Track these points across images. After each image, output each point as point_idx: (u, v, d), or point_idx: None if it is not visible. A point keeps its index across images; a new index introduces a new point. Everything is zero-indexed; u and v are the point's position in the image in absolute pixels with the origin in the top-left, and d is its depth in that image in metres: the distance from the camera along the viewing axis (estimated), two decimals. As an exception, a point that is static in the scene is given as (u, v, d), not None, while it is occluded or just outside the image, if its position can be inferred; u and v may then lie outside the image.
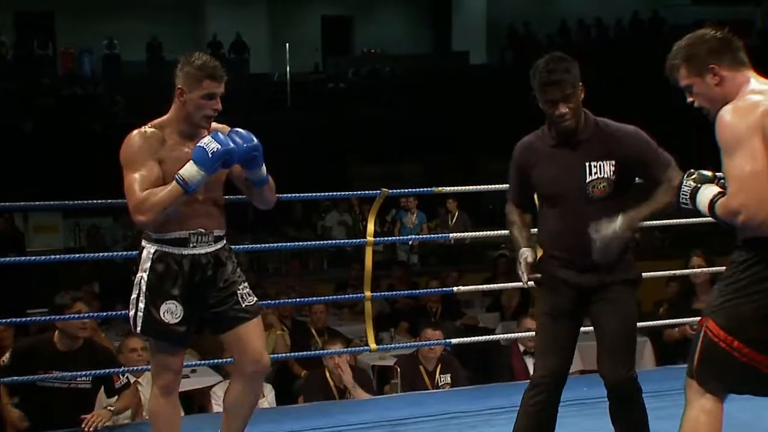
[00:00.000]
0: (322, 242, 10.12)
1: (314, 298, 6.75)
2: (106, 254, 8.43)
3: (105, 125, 16.02)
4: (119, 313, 6.84)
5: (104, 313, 7.02)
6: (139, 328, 3.35)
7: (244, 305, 3.42)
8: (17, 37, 20.52)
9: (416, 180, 14.92)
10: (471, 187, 5.31)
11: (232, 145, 3.27)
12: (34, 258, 5.38)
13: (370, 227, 4.53)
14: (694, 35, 2.89)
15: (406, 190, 5.58)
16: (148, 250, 3.35)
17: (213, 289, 3.39)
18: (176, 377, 3.44)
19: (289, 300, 7.15)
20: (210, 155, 3.22)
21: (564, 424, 3.49)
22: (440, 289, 7.43)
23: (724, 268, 2.93)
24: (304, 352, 6.30)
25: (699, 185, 2.81)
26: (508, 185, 3.64)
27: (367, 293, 4.57)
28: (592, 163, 3.34)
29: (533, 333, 3.65)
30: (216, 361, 5.57)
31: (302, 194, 5.20)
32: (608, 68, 17.13)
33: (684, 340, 5.75)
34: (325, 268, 12.41)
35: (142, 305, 3.31)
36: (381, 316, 8.39)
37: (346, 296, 8.22)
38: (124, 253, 8.06)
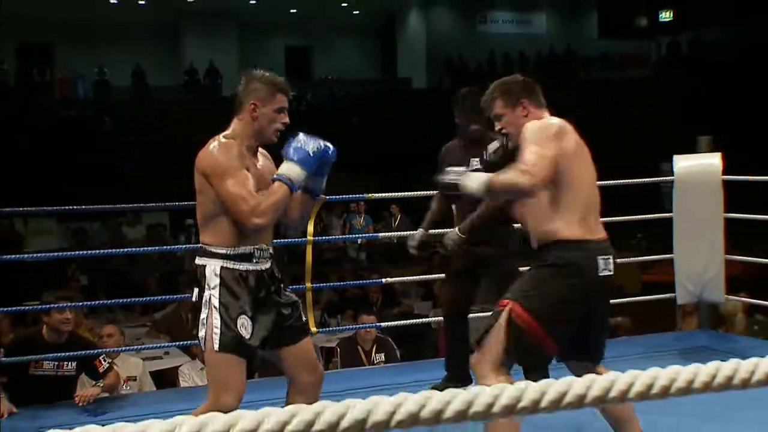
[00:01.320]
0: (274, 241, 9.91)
1: None
2: (91, 252, 8.35)
3: (93, 142, 15.92)
4: (103, 302, 6.94)
5: (90, 303, 7.02)
6: (217, 345, 2.81)
7: (303, 320, 3.09)
8: (18, 65, 20.31)
9: (370, 188, 14.93)
10: (398, 194, 5.45)
11: (324, 144, 2.95)
12: (28, 256, 5.35)
13: (310, 228, 4.55)
14: (510, 77, 3.10)
15: (343, 196, 5.48)
16: (213, 267, 2.88)
17: (274, 305, 2.99)
18: (237, 402, 2.84)
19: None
20: (311, 154, 2.89)
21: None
22: (373, 281, 7.51)
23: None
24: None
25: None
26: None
27: (308, 284, 4.60)
28: (473, 160, 3.88)
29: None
30: (185, 343, 5.63)
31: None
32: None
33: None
34: (285, 263, 12.44)
35: (217, 322, 2.81)
36: (331, 304, 8.47)
37: (291, 287, 7.96)
38: (111, 251, 8.03)
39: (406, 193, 5.40)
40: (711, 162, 5.24)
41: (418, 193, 5.14)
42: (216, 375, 2.88)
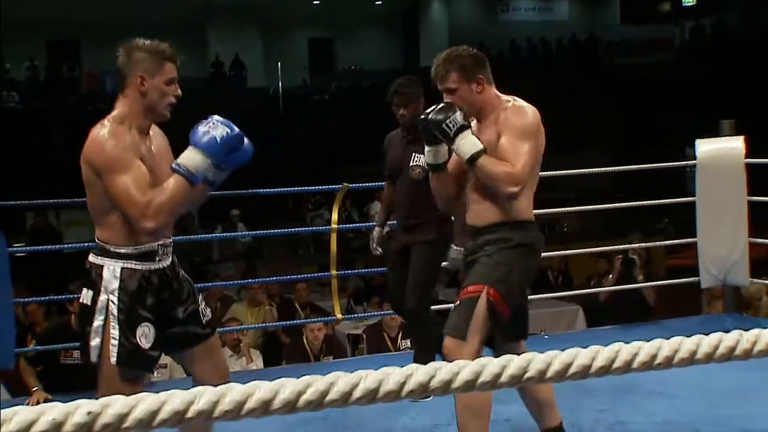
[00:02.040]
0: (295, 229, 9.68)
1: (292, 276, 6.64)
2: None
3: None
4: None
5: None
6: (113, 359, 2.49)
7: (206, 319, 2.71)
8: (48, 61, 20.52)
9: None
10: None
11: (238, 133, 2.52)
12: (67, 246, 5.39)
13: (334, 216, 4.57)
14: (461, 48, 2.94)
15: (367, 184, 5.28)
16: (111, 268, 2.51)
17: (179, 304, 2.64)
18: None
19: (274, 278, 7.10)
20: (219, 140, 2.47)
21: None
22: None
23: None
24: (284, 322, 6.34)
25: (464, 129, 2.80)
26: None
27: (333, 272, 4.62)
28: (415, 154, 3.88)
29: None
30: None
31: (285, 189, 5.20)
32: (551, 79, 17.27)
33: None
34: (311, 253, 12.51)
35: (115, 332, 2.47)
36: (358, 291, 8.49)
37: (316, 275, 7.89)
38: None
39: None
40: (734, 145, 5.19)
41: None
42: (108, 388, 2.47)
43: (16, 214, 12.12)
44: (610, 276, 5.64)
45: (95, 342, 2.51)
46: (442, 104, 2.84)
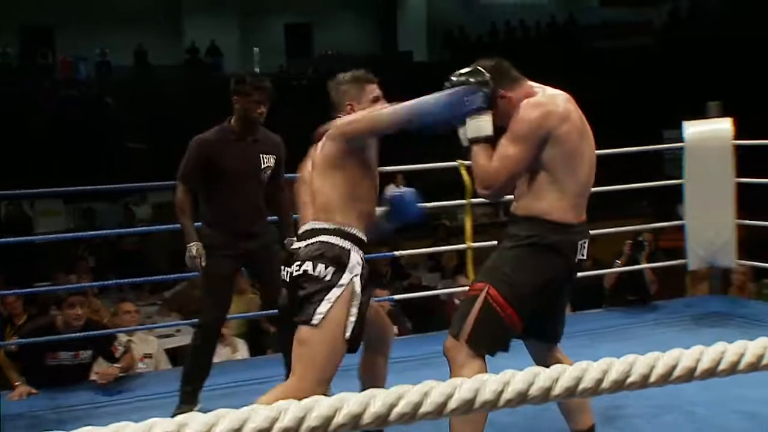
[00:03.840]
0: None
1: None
2: (101, 232, 8.34)
3: (96, 123, 15.87)
4: (117, 282, 6.87)
5: (106, 282, 6.97)
6: (348, 334, 2.69)
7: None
8: (21, 48, 20.22)
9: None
10: (411, 167, 5.37)
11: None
12: (37, 237, 5.32)
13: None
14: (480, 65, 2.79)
15: None
16: (356, 256, 2.75)
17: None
18: (323, 391, 2.69)
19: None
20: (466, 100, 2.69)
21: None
22: (386, 254, 7.41)
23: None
24: (269, 311, 6.24)
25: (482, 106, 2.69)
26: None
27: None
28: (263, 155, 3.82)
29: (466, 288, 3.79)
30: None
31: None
32: (531, 62, 17.21)
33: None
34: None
35: (355, 310, 2.69)
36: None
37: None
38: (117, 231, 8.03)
39: (415, 166, 5.31)
40: (722, 127, 5.18)
41: (426, 165, 5.11)
42: (321, 357, 2.68)
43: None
44: (618, 261, 5.53)
45: (324, 308, 2.67)
46: (472, 70, 2.73)
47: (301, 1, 23.37)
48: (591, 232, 2.84)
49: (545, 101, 2.69)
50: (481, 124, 2.67)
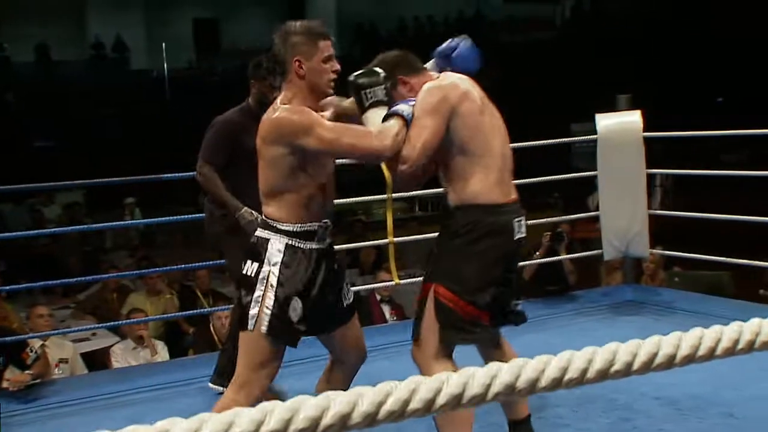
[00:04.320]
0: (200, 215, 9.82)
1: (196, 264, 6.22)
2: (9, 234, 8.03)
3: None
4: (28, 285, 6.60)
5: (17, 287, 6.70)
6: (263, 328, 2.60)
7: (349, 301, 2.85)
8: None
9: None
10: None
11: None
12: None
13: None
14: (383, 57, 2.87)
15: None
16: (276, 242, 2.63)
17: (334, 285, 2.76)
18: (263, 388, 2.70)
19: (175, 267, 6.95)
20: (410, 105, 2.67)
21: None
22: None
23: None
24: (192, 311, 6.15)
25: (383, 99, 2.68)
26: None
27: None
28: None
29: (389, 283, 3.78)
30: (114, 323, 5.47)
31: (185, 173, 5.02)
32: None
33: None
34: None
35: (270, 302, 2.59)
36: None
37: (223, 260, 7.63)
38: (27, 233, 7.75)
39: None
40: (631, 119, 5.31)
41: (343, 161, 5.02)
42: (253, 357, 2.64)
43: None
44: (537, 252, 5.62)
45: (254, 311, 2.61)
46: (369, 68, 2.73)
47: (209, -6, 23.06)
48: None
49: (445, 84, 2.74)
50: (381, 117, 2.65)
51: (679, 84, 16.23)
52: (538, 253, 5.61)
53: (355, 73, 2.69)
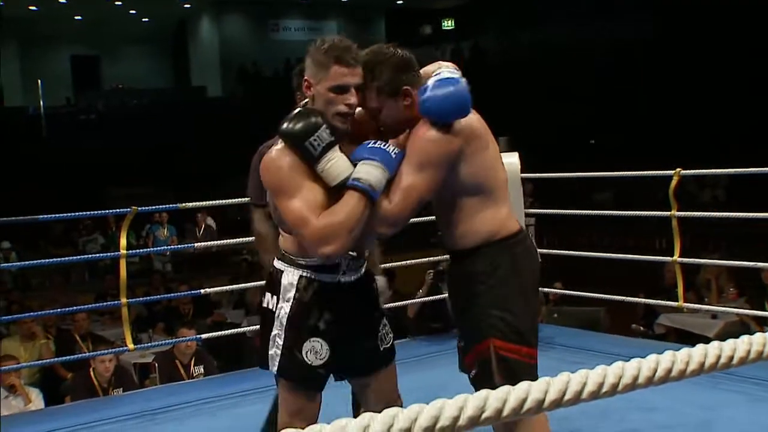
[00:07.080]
0: (81, 257, 9.64)
1: (75, 308, 6.06)
2: None
3: None
4: None
5: None
6: (274, 368, 2.33)
7: (387, 345, 2.48)
8: None
9: (166, 198, 14.41)
10: (214, 202, 5.06)
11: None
12: None
13: (123, 241, 4.30)
14: (381, 52, 2.32)
15: (156, 207, 5.18)
16: (290, 276, 2.31)
17: (361, 325, 2.42)
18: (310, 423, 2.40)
19: (52, 311, 6.62)
20: (393, 156, 2.18)
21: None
22: (190, 292, 7.19)
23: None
24: (71, 356, 5.90)
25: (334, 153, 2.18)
26: (248, 197, 3.25)
27: (123, 300, 4.32)
28: None
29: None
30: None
31: (61, 214, 4.85)
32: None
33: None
34: (86, 280, 11.87)
35: (280, 341, 2.30)
36: (139, 318, 8.09)
37: (105, 304, 7.37)
38: None
39: (217, 201, 5.06)
40: (511, 161, 5.43)
41: (228, 201, 4.94)
42: (284, 401, 2.37)
43: None
44: (419, 291, 5.64)
45: (273, 351, 2.33)
46: (298, 111, 2.23)
47: (89, 32, 22.53)
48: (394, 264, 2.73)
49: (449, 134, 2.26)
50: (343, 161, 2.18)
51: (553, 126, 16.81)
52: (421, 291, 5.65)
53: (284, 124, 2.19)
